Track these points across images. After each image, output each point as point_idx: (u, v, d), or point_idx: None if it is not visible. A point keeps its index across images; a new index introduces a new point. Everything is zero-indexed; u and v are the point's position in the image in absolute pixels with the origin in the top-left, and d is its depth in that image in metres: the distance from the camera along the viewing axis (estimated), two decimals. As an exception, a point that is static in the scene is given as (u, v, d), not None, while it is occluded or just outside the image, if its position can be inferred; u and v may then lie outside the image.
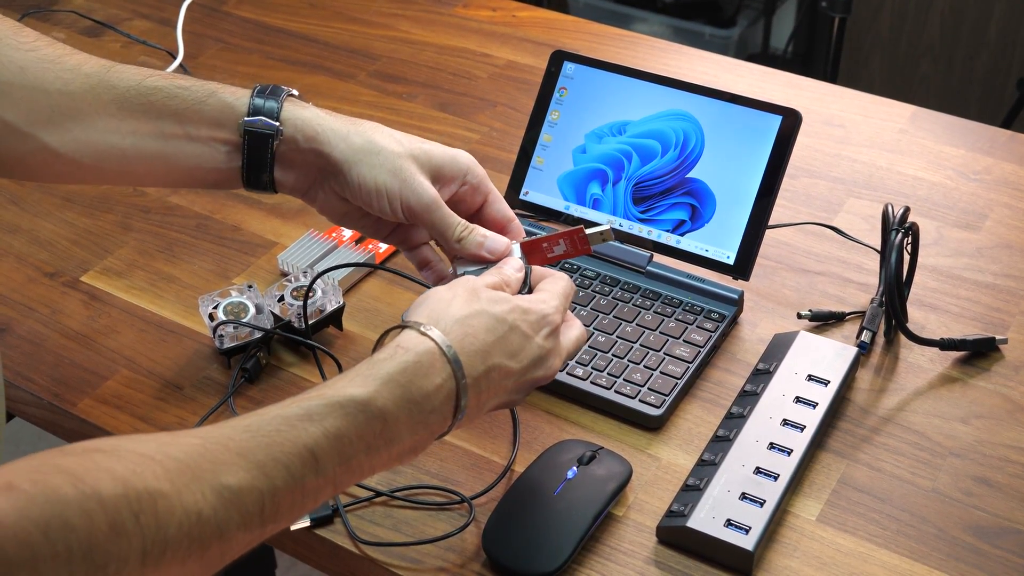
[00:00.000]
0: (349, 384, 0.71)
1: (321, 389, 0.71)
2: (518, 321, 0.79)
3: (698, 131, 1.05)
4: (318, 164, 0.87)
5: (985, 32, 2.68)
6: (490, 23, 1.51)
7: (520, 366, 0.79)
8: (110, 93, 0.87)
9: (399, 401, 0.71)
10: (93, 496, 0.57)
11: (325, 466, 0.68)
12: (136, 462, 0.60)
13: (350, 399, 0.70)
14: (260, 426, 0.66)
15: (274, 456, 0.65)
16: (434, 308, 0.77)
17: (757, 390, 0.95)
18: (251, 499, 0.64)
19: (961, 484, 0.90)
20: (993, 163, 1.24)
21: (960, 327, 1.04)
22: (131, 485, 0.59)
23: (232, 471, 0.63)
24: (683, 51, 1.46)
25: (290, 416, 0.68)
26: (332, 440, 0.68)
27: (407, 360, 0.73)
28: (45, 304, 1.08)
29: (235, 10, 1.55)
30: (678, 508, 0.86)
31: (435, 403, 0.74)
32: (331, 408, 0.69)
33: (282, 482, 0.65)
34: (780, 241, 1.13)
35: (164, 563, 0.60)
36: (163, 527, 0.59)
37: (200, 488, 0.62)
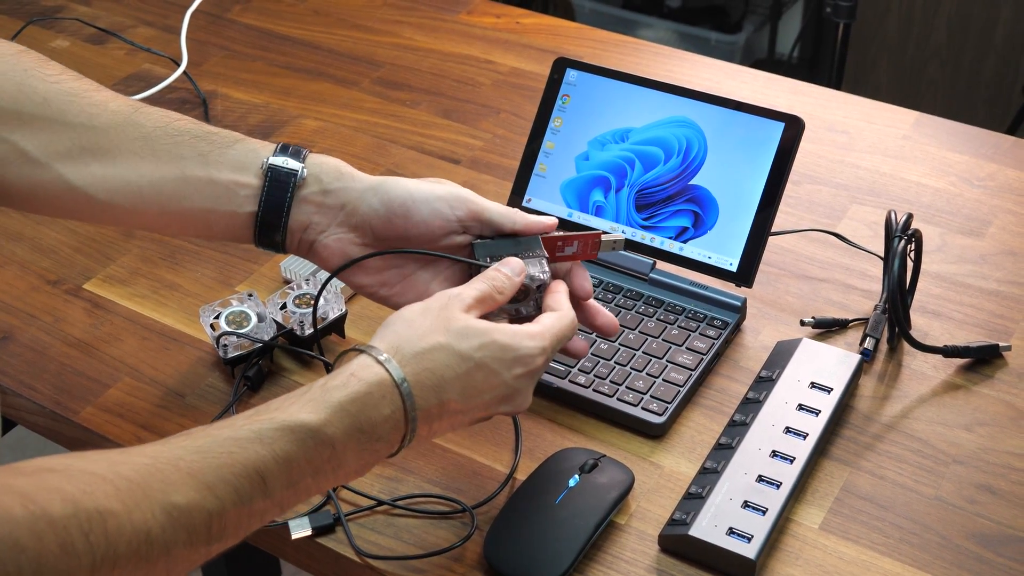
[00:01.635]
0: (301, 409, 0.71)
1: (272, 412, 0.71)
2: (487, 359, 0.77)
3: (701, 138, 1.05)
4: (340, 205, 0.87)
5: (992, 36, 2.67)
6: (494, 30, 1.51)
7: (480, 401, 0.78)
8: (137, 131, 0.87)
9: (348, 430, 0.72)
10: (43, 516, 0.58)
11: (273, 488, 0.68)
12: (87, 481, 0.61)
13: (300, 425, 0.70)
14: (211, 447, 0.67)
15: (223, 477, 0.66)
16: (399, 334, 0.76)
17: (760, 397, 0.95)
18: (199, 519, 0.65)
19: (965, 492, 0.90)
20: (997, 169, 1.23)
21: (964, 334, 1.03)
22: (81, 505, 0.60)
23: (181, 491, 0.64)
24: (686, 57, 1.46)
25: (241, 438, 0.68)
26: (281, 464, 0.69)
27: (359, 390, 0.73)
28: (48, 312, 1.08)
29: (239, 17, 1.55)
30: (680, 516, 0.86)
31: (383, 432, 0.74)
32: (282, 432, 0.69)
33: (230, 503, 0.66)
34: (783, 248, 1.13)
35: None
36: (112, 546, 0.60)
37: (149, 507, 0.62)
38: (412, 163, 1.27)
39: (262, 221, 0.86)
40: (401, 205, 0.86)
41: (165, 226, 0.90)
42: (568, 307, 0.84)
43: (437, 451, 0.94)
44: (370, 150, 1.29)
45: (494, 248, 0.86)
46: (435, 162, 1.27)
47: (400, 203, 0.86)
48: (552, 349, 0.81)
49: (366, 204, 0.86)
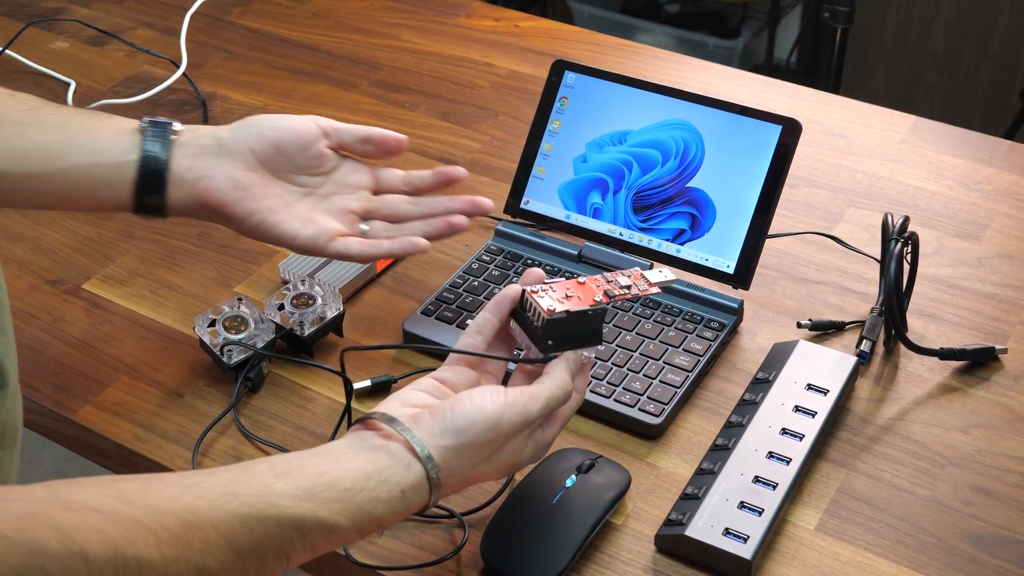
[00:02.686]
0: (341, 512, 0.71)
1: (315, 498, 0.70)
2: (504, 437, 0.78)
3: (698, 140, 1.05)
4: (220, 135, 0.95)
5: (989, 43, 2.68)
6: (492, 33, 1.52)
7: (492, 466, 0.79)
8: (21, 105, 0.93)
9: (391, 508, 0.73)
10: (79, 554, 0.59)
11: (293, 560, 0.70)
12: (130, 528, 0.62)
13: (337, 526, 0.71)
14: (251, 517, 0.67)
15: (256, 551, 0.68)
16: (460, 456, 0.76)
17: (756, 399, 0.95)
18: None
19: (960, 493, 0.90)
20: (993, 173, 1.24)
21: (960, 337, 1.04)
22: (121, 550, 0.60)
23: (217, 556, 0.65)
24: (684, 61, 1.47)
25: (282, 520, 0.69)
26: (308, 546, 0.70)
27: (393, 502, 0.73)
28: (47, 312, 1.09)
29: (239, 20, 1.55)
30: (676, 517, 0.86)
31: (412, 502, 0.75)
32: (319, 528, 0.70)
33: (254, 572, 0.68)
34: (780, 250, 1.13)
35: None
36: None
37: (186, 565, 0.63)
38: (410, 165, 1.26)
39: (144, 167, 0.92)
40: (270, 127, 0.95)
41: (49, 191, 0.92)
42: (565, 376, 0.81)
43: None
44: (369, 152, 1.29)
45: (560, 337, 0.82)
46: (433, 164, 1.27)
47: (269, 124, 0.95)
48: (549, 411, 0.80)
49: (241, 134, 0.95)
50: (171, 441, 0.95)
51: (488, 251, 1.11)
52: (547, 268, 1.09)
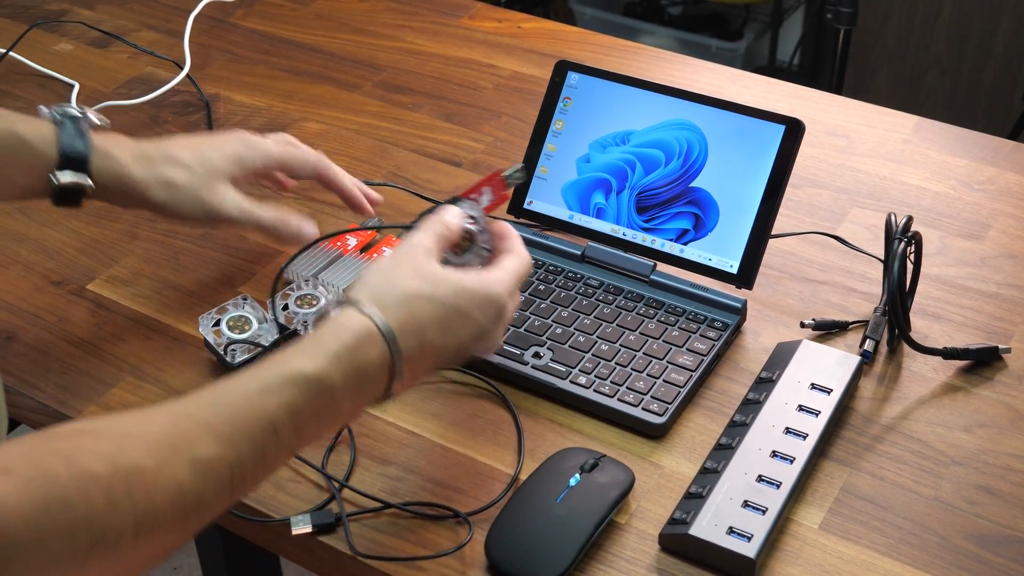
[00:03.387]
0: (301, 360, 0.75)
1: (274, 364, 0.74)
2: (461, 303, 0.83)
3: (701, 141, 1.05)
4: (131, 202, 1.00)
5: (991, 45, 2.68)
6: (495, 34, 1.52)
7: (457, 341, 0.83)
8: None
9: (345, 375, 0.76)
10: (87, 474, 0.61)
11: (283, 437, 0.72)
12: (120, 441, 0.65)
13: (302, 374, 0.74)
14: (223, 401, 0.71)
15: (239, 430, 0.70)
16: (377, 285, 0.81)
17: (760, 398, 0.95)
18: (222, 471, 0.68)
19: (964, 493, 0.90)
20: (997, 173, 1.24)
21: (963, 336, 1.04)
22: (119, 463, 0.63)
23: (203, 445, 0.68)
24: (687, 62, 1.47)
25: (250, 391, 0.72)
26: (289, 412, 0.72)
27: (348, 339, 0.77)
28: (51, 312, 1.09)
29: (242, 21, 1.56)
30: (680, 516, 0.87)
31: (373, 376, 0.78)
32: (286, 383, 0.73)
33: (247, 453, 0.70)
34: (783, 250, 1.13)
35: (154, 532, 0.64)
36: (151, 499, 0.64)
37: (179, 462, 0.66)
38: (413, 166, 1.27)
39: (59, 206, 0.97)
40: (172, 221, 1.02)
41: None
42: (521, 248, 0.90)
43: (439, 451, 0.94)
44: (372, 153, 1.30)
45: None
46: (437, 165, 1.27)
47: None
48: (515, 287, 0.87)
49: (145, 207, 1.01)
50: (175, 441, 0.96)
51: (491, 251, 1.11)
52: (550, 268, 1.09)
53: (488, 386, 1.00)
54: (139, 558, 0.64)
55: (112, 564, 0.62)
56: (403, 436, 0.96)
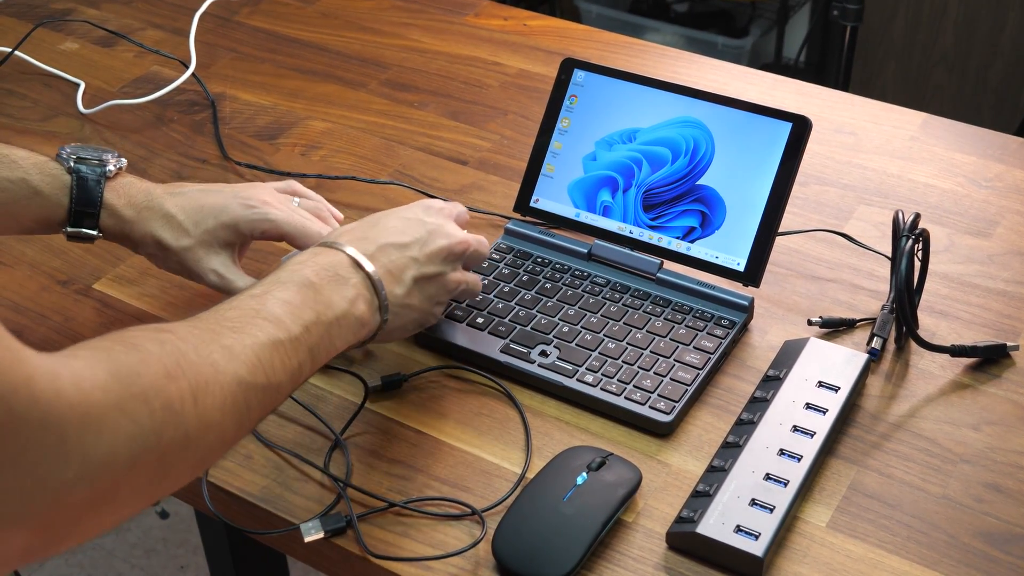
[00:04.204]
0: (271, 275, 0.84)
1: (254, 287, 0.83)
2: (390, 212, 0.95)
3: (708, 138, 1.05)
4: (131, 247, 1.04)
5: (998, 42, 2.67)
6: (501, 32, 1.52)
7: (411, 238, 0.92)
8: None
9: (316, 272, 0.85)
10: (143, 350, 0.67)
11: (288, 324, 0.79)
12: (157, 331, 0.71)
13: (277, 279, 0.83)
14: (223, 309, 0.79)
15: (246, 321, 0.77)
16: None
17: (767, 396, 0.95)
18: (247, 351, 0.75)
19: (972, 491, 0.90)
20: (1004, 170, 1.24)
21: (971, 334, 1.03)
22: (164, 343, 0.69)
23: (223, 335, 0.75)
24: (693, 59, 1.47)
25: (242, 298, 0.81)
26: (283, 304, 0.80)
27: (302, 257, 0.87)
28: (58, 312, 1.09)
29: (247, 20, 1.56)
30: (688, 514, 0.86)
31: (341, 270, 0.86)
32: (269, 285, 0.82)
33: (263, 337, 0.77)
34: (790, 248, 1.13)
35: (209, 406, 0.70)
36: (199, 374, 0.70)
37: (208, 346, 0.73)
38: (420, 164, 1.27)
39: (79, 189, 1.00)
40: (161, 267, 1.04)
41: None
42: None
43: (445, 449, 0.94)
44: (378, 151, 1.29)
45: None
46: (443, 163, 1.27)
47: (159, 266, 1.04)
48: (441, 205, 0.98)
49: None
50: (182, 440, 0.96)
51: (498, 250, 1.11)
52: (556, 267, 1.08)
53: (495, 385, 1.00)
54: (205, 436, 0.70)
55: (183, 435, 0.67)
56: (410, 435, 0.96)
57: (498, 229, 1.16)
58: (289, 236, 1.01)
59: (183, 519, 2.20)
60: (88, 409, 0.61)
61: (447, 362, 1.02)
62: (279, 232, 1.01)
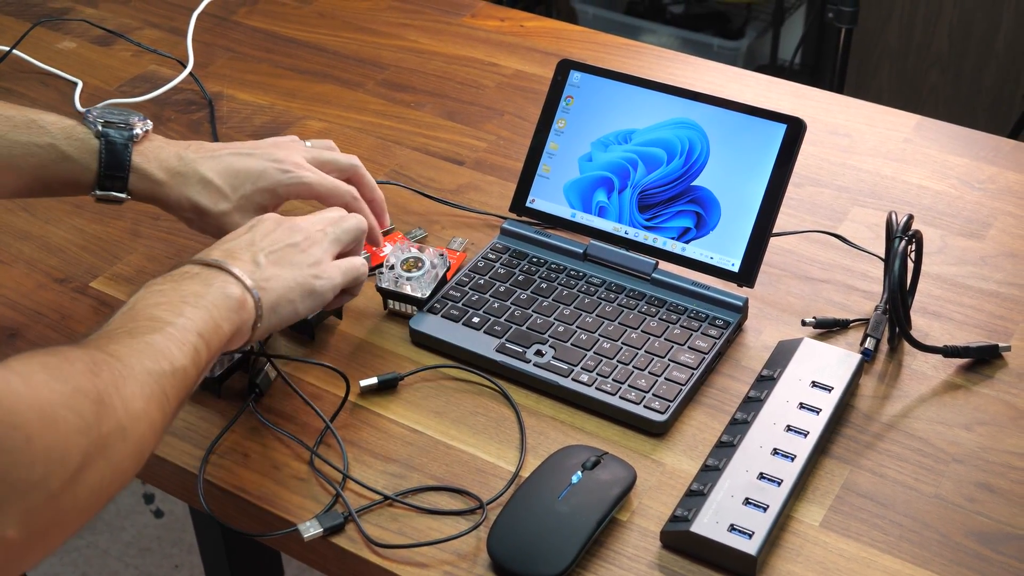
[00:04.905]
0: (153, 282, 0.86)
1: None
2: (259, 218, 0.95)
3: (703, 139, 1.06)
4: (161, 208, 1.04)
5: (993, 43, 2.68)
6: (498, 33, 1.52)
7: (243, 231, 0.93)
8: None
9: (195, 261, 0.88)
10: (60, 353, 0.70)
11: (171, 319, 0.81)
12: (61, 347, 0.73)
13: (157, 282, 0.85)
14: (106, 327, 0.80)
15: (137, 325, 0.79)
16: None
17: (761, 396, 0.95)
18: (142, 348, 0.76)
19: (964, 490, 0.91)
20: (997, 172, 1.24)
21: (964, 335, 1.04)
22: (73, 349, 0.72)
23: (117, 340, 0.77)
24: (689, 61, 1.47)
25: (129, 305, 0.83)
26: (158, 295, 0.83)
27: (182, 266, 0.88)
28: (54, 310, 1.09)
29: (245, 20, 1.56)
30: (682, 513, 0.87)
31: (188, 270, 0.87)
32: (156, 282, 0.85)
33: (151, 331, 0.78)
34: (785, 249, 1.14)
35: (130, 395, 0.72)
36: (110, 366, 0.72)
37: (109, 348, 0.75)
38: (416, 164, 1.27)
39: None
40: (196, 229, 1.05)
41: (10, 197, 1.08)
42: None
43: (441, 448, 0.95)
44: (375, 151, 1.30)
45: None
46: (439, 163, 1.28)
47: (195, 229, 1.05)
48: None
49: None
50: (179, 438, 0.96)
51: (494, 249, 1.12)
52: (552, 267, 1.09)
53: (491, 384, 1.00)
54: (138, 426, 0.72)
55: (119, 429, 0.69)
56: (405, 433, 0.96)
57: (494, 229, 1.16)
58: (321, 196, 1.03)
59: (178, 518, 2.21)
60: (43, 406, 0.64)
61: (443, 361, 1.02)
62: (312, 194, 1.03)
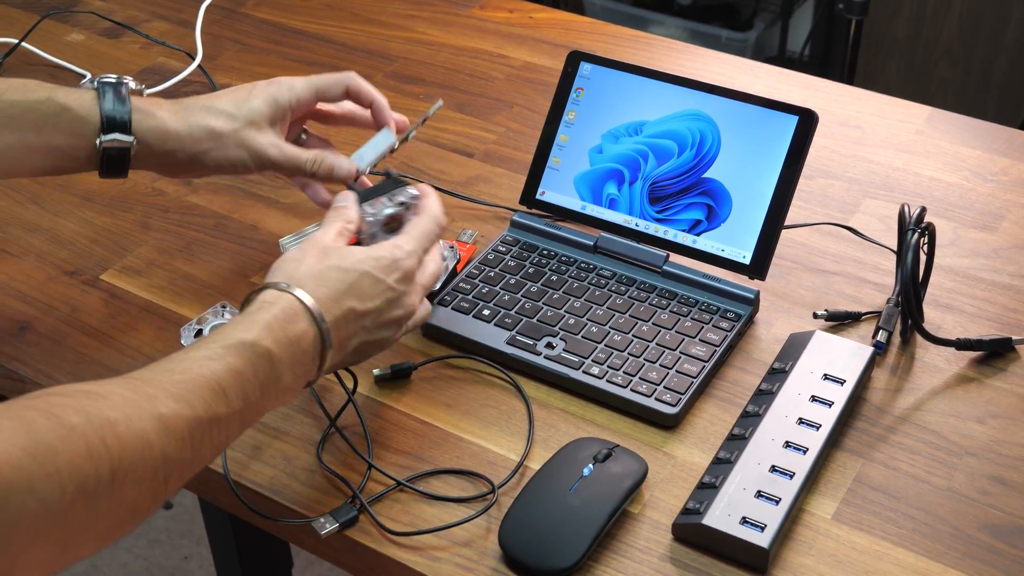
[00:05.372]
0: (237, 331, 0.80)
1: (215, 335, 0.79)
2: (368, 268, 0.88)
3: (714, 131, 1.05)
4: (172, 160, 1.00)
5: (1003, 35, 2.67)
6: (507, 24, 1.52)
7: (374, 306, 0.88)
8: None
9: (279, 342, 0.80)
10: (65, 425, 0.65)
11: (231, 399, 0.76)
12: (88, 398, 0.69)
13: (241, 342, 0.79)
14: (175, 367, 0.76)
15: (191, 389, 0.74)
16: (290, 269, 0.86)
17: (773, 389, 0.95)
18: (181, 426, 0.72)
19: (977, 483, 0.90)
20: (1010, 164, 1.24)
21: (976, 327, 1.04)
22: (91, 414, 0.67)
23: (163, 402, 0.72)
24: (699, 52, 1.47)
25: (197, 357, 0.77)
26: (234, 375, 0.77)
27: (275, 311, 0.82)
28: (65, 302, 1.09)
29: (253, 12, 1.56)
30: (694, 506, 0.87)
31: (304, 345, 0.82)
32: (228, 350, 0.78)
33: (202, 411, 0.74)
34: (796, 241, 1.13)
35: (127, 484, 0.68)
36: (124, 449, 0.68)
37: (143, 416, 0.70)
38: (425, 156, 1.27)
39: (107, 175, 0.99)
40: (215, 171, 1.03)
41: (12, 176, 1.06)
42: (433, 208, 0.95)
43: (452, 440, 0.95)
44: (384, 143, 1.29)
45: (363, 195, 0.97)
46: (448, 155, 1.27)
47: (213, 170, 1.02)
48: (420, 248, 0.92)
49: (198, 166, 1.02)
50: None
51: (504, 242, 1.11)
52: (563, 259, 1.09)
53: (502, 376, 1.00)
54: (117, 511, 0.68)
55: (93, 513, 0.66)
56: (417, 426, 0.96)
57: (504, 221, 1.16)
58: (319, 88, 1.05)
59: (187, 510, 2.21)
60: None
61: (453, 353, 1.02)
62: (309, 89, 1.04)
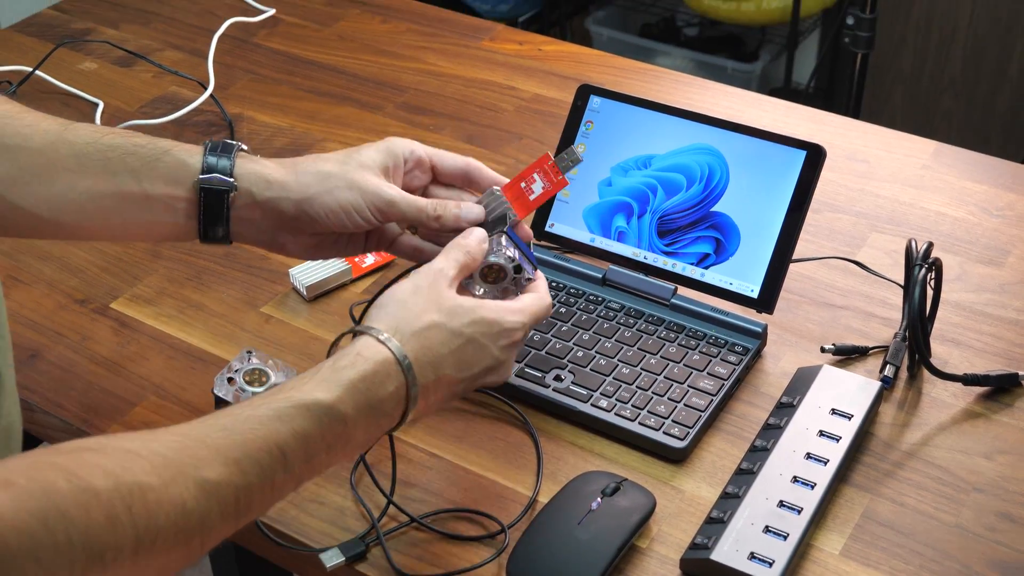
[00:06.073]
0: (315, 389, 0.76)
1: (288, 391, 0.75)
2: (476, 334, 0.84)
3: (723, 165, 1.06)
4: (277, 212, 0.91)
5: (1007, 68, 2.68)
6: (516, 56, 1.53)
7: (471, 374, 0.85)
8: (68, 149, 0.90)
9: (358, 406, 0.77)
10: (88, 489, 0.62)
11: (292, 464, 0.73)
12: (124, 458, 0.65)
13: (316, 403, 0.75)
14: (234, 426, 0.71)
15: (248, 453, 0.70)
16: (396, 315, 0.82)
17: (781, 423, 0.95)
18: (228, 493, 0.69)
19: (984, 520, 0.90)
20: (1016, 199, 1.24)
21: (983, 362, 1.04)
22: (122, 479, 0.64)
23: (211, 466, 0.68)
24: (707, 85, 1.48)
25: (262, 417, 0.73)
26: (299, 440, 0.73)
27: (366, 369, 0.78)
28: (75, 331, 1.10)
29: (265, 42, 1.57)
30: (702, 540, 0.87)
31: (388, 408, 0.79)
32: (299, 410, 0.74)
33: (255, 477, 0.70)
34: (804, 275, 1.14)
35: (155, 552, 0.64)
36: (153, 518, 0.64)
37: (184, 482, 0.66)
38: (435, 187, 1.28)
39: (204, 232, 0.91)
40: (323, 221, 0.91)
41: (112, 236, 0.97)
42: (546, 291, 0.91)
43: (460, 473, 0.95)
44: (393, 174, 1.30)
45: None
46: (458, 187, 1.28)
47: (322, 218, 0.90)
48: (529, 325, 0.88)
49: (302, 220, 0.91)
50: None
51: (513, 273, 1.12)
52: (571, 291, 1.09)
53: (510, 408, 1.00)
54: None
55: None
56: (424, 458, 0.96)
57: (513, 253, 1.17)
58: (437, 157, 0.96)
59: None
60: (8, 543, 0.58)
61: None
62: (428, 153, 0.96)
